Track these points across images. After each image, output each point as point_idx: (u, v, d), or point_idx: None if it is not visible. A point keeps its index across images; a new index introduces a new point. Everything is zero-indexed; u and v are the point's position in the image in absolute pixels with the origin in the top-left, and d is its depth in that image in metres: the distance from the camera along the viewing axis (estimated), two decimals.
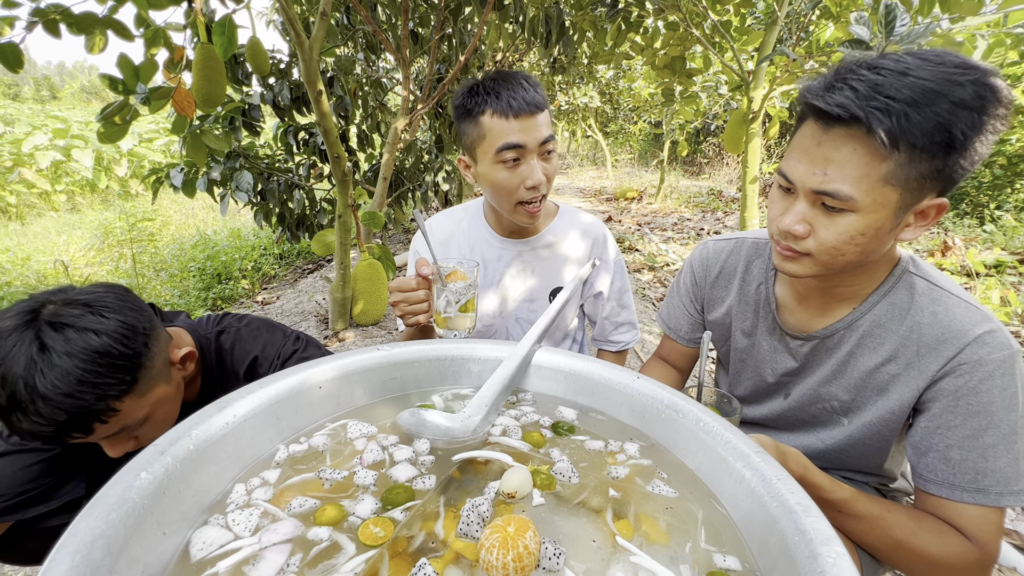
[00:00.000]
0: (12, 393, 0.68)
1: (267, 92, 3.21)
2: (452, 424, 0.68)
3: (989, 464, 0.71)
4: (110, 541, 0.43)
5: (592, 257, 1.31)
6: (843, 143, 0.66)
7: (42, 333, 0.70)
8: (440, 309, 0.96)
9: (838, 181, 0.67)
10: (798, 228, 0.73)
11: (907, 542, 0.72)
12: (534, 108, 1.04)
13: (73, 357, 0.70)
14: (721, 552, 0.53)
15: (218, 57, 1.63)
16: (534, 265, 1.29)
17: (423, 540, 0.52)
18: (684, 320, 1.11)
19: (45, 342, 0.69)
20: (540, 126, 1.06)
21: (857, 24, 1.55)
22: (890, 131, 0.62)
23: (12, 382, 0.67)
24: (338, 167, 2.31)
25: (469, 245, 1.30)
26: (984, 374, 0.71)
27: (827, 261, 0.74)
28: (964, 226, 5.38)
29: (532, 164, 1.07)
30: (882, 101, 0.62)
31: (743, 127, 2.99)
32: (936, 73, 0.62)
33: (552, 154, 1.11)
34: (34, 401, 0.68)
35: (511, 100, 1.03)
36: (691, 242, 5.68)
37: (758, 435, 0.69)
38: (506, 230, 1.27)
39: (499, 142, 1.05)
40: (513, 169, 1.08)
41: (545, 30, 2.88)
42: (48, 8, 1.59)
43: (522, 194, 1.10)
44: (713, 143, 11.97)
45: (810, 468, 0.74)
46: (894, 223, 0.70)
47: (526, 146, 1.05)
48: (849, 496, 0.75)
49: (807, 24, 3.05)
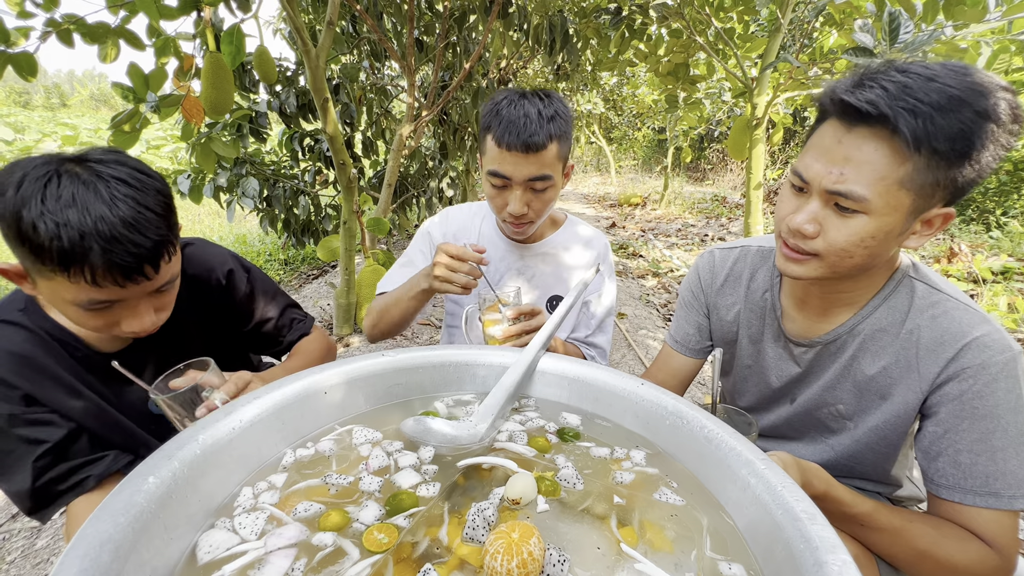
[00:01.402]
0: (95, 229, 0.66)
1: (274, 99, 3.25)
2: (458, 432, 0.69)
3: (1000, 467, 0.71)
4: (118, 545, 0.43)
5: (592, 267, 1.31)
6: (865, 142, 0.66)
7: (96, 175, 0.69)
8: (494, 335, 1.03)
9: (853, 182, 0.67)
10: (808, 227, 0.72)
11: (931, 551, 0.72)
12: (528, 147, 1.03)
13: (143, 192, 0.71)
14: (726, 560, 0.52)
15: (226, 66, 1.66)
16: (535, 271, 1.32)
17: (427, 546, 0.52)
18: (691, 328, 1.11)
19: (106, 180, 0.69)
20: (531, 164, 1.05)
21: (861, 32, 1.55)
22: (915, 132, 0.62)
23: (95, 218, 0.66)
24: (343, 173, 2.33)
25: (477, 242, 1.33)
26: (988, 377, 0.71)
27: (834, 263, 0.73)
28: (970, 232, 5.35)
29: (515, 195, 1.09)
30: (910, 102, 0.62)
31: (747, 133, 2.99)
32: (962, 82, 0.63)
33: (545, 190, 1.11)
34: (119, 232, 0.67)
35: (508, 133, 1.03)
36: (695, 248, 5.68)
37: (778, 452, 0.69)
38: (510, 235, 1.29)
39: (489, 166, 1.09)
40: (498, 191, 1.11)
41: (549, 38, 2.90)
42: (63, 18, 1.62)
43: (504, 215, 1.14)
44: (717, 149, 11.98)
45: (832, 483, 0.73)
46: (903, 228, 0.70)
47: (511, 178, 1.07)
48: (872, 509, 0.75)
49: (810, 31, 3.06)
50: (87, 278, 0.68)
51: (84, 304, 0.71)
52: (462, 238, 1.34)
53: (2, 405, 0.78)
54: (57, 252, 0.65)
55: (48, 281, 0.70)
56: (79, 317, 0.74)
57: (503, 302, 1.03)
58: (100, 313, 0.74)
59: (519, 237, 1.24)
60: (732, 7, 3.00)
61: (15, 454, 0.79)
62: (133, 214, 0.69)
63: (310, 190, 3.65)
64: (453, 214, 1.38)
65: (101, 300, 0.71)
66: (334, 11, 2.03)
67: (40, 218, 0.65)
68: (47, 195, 0.66)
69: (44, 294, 0.74)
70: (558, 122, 1.06)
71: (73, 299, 0.70)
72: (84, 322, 0.75)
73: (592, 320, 1.35)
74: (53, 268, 0.67)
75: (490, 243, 1.32)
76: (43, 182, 0.66)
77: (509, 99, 1.07)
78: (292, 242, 3.87)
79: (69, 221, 0.65)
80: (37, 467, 0.80)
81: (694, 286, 1.09)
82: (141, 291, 0.75)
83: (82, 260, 0.66)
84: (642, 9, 2.91)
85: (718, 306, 1.05)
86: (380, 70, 4.07)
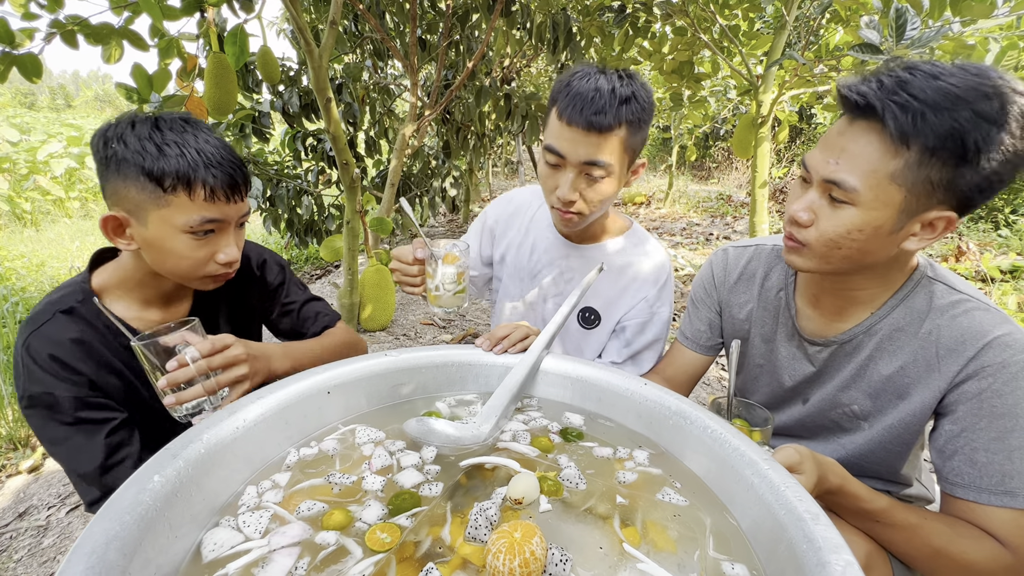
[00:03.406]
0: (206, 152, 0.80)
1: (277, 99, 3.25)
2: (461, 433, 0.69)
3: (1016, 466, 0.70)
4: (124, 543, 0.44)
5: (643, 297, 1.17)
6: (862, 135, 0.68)
7: (184, 122, 0.83)
8: (431, 287, 1.00)
9: (846, 171, 0.69)
10: (802, 215, 0.75)
11: (945, 549, 0.72)
12: (591, 126, 0.92)
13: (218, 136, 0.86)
14: (729, 560, 0.52)
15: (230, 66, 1.66)
16: (576, 272, 1.22)
17: (430, 545, 0.52)
18: (703, 325, 1.10)
19: (194, 125, 0.83)
20: (591, 145, 0.94)
21: (867, 28, 1.54)
22: (902, 127, 0.63)
23: (201, 147, 0.81)
24: (346, 173, 2.33)
25: (528, 226, 1.27)
26: (1008, 376, 0.71)
27: (824, 254, 0.75)
28: (979, 231, 5.31)
29: (567, 178, 0.98)
30: (903, 97, 0.63)
31: (752, 131, 2.98)
32: (966, 81, 0.62)
33: (602, 180, 0.98)
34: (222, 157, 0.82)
35: (572, 107, 0.92)
36: (700, 247, 5.66)
37: (794, 445, 0.68)
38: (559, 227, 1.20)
39: (547, 140, 1.00)
40: (552, 171, 1.01)
41: (552, 36, 2.89)
42: (67, 20, 1.63)
43: (552, 200, 1.03)
44: (722, 147, 11.93)
45: (848, 479, 0.73)
46: (895, 226, 0.70)
47: (566, 157, 0.96)
48: (888, 505, 0.75)
49: (816, 28, 3.04)
50: (205, 192, 0.79)
51: (196, 224, 0.80)
52: (515, 220, 1.28)
53: (70, 388, 0.80)
54: (181, 170, 0.77)
55: (163, 210, 0.79)
56: (187, 247, 0.82)
57: (447, 259, 0.99)
58: (204, 240, 0.83)
59: (567, 229, 1.12)
60: (737, 4, 2.98)
61: (82, 435, 0.81)
62: (225, 146, 0.85)
63: (313, 190, 3.66)
64: (515, 194, 1.31)
65: (211, 219, 0.81)
66: (337, 11, 2.03)
67: (164, 144, 0.78)
68: (162, 132, 0.80)
69: (152, 232, 0.80)
70: (633, 106, 0.93)
71: (186, 221, 0.79)
72: (191, 253, 0.83)
73: (625, 349, 1.18)
74: (175, 189, 0.78)
75: (540, 229, 1.24)
76: (152, 123, 0.80)
77: (585, 72, 0.96)
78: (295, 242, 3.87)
79: (188, 144, 0.79)
80: (108, 443, 0.81)
81: (707, 283, 1.09)
82: (235, 213, 0.86)
83: (202, 175, 0.79)
84: (646, 6, 2.90)
85: (730, 304, 1.05)
86: (383, 69, 4.07)
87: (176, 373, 0.72)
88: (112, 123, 0.81)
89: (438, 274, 0.98)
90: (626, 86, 0.94)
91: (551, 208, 1.07)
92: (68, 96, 63.94)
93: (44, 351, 0.80)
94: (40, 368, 0.79)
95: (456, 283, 0.99)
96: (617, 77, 0.95)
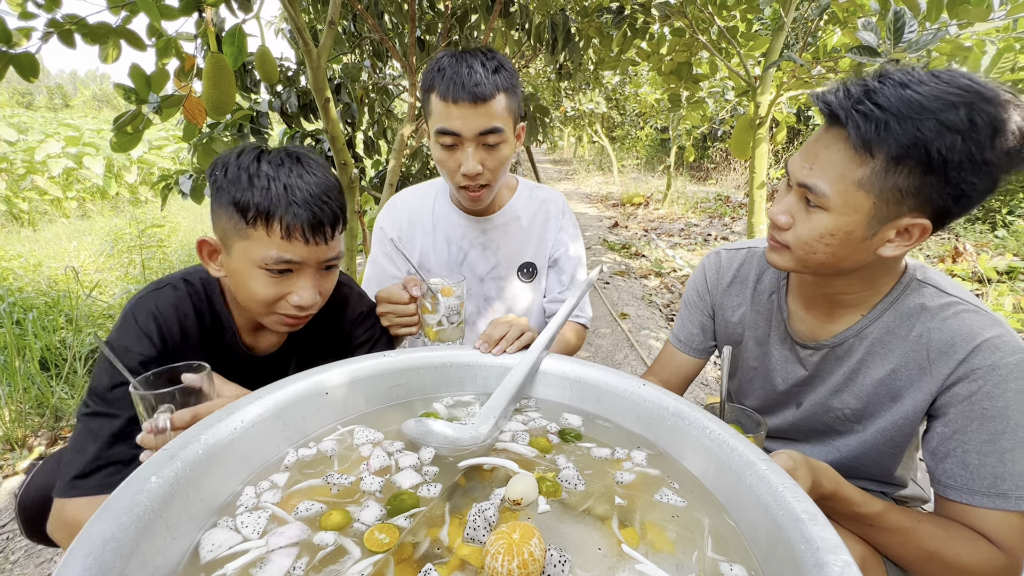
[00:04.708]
0: (296, 188, 0.80)
1: (275, 99, 3.25)
2: (460, 434, 0.69)
3: (1008, 468, 0.71)
4: (121, 544, 0.43)
5: (559, 229, 1.31)
6: (832, 142, 0.70)
7: (297, 156, 0.84)
8: (432, 324, 1.00)
9: (818, 176, 0.71)
10: (781, 218, 0.77)
11: (940, 552, 0.72)
12: (476, 97, 0.99)
13: (328, 173, 0.85)
14: (728, 561, 0.52)
15: (228, 66, 1.66)
16: (499, 242, 1.28)
17: (428, 546, 0.52)
18: (695, 328, 1.10)
19: (304, 158, 0.84)
20: (480, 115, 1.01)
21: (865, 30, 1.54)
22: (864, 136, 0.65)
23: (295, 182, 0.80)
24: (344, 173, 2.33)
25: (432, 224, 1.28)
26: (999, 378, 0.71)
27: (801, 257, 0.77)
28: (975, 232, 5.33)
29: (467, 152, 1.04)
30: (867, 106, 0.64)
31: (750, 132, 2.98)
32: (934, 91, 0.62)
33: (498, 146, 1.06)
34: (313, 193, 0.81)
35: (453, 85, 0.99)
36: (698, 248, 5.66)
37: (788, 451, 0.69)
38: (468, 208, 1.24)
39: (437, 124, 1.04)
40: (450, 152, 1.06)
41: (551, 37, 2.89)
42: (64, 19, 1.62)
43: (459, 179, 1.08)
44: (720, 148, 11.94)
45: (842, 483, 0.73)
46: (867, 232, 0.71)
47: (461, 134, 1.02)
48: (882, 509, 0.75)
49: (814, 29, 3.05)
50: (282, 230, 0.78)
51: (272, 262, 0.79)
52: (416, 226, 1.28)
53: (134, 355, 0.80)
54: (263, 204, 0.77)
55: (244, 242, 0.79)
56: (261, 284, 0.81)
57: (445, 292, 1.00)
58: (279, 279, 0.81)
59: (479, 207, 1.18)
60: (735, 5, 2.98)
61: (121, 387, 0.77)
62: (322, 185, 0.83)
63: None
64: (399, 202, 1.31)
65: (286, 260, 0.80)
66: (335, 11, 2.03)
67: (256, 176, 0.79)
68: (260, 163, 0.80)
69: (234, 263, 0.81)
70: (503, 74, 1.03)
71: (262, 257, 0.79)
72: (263, 290, 0.81)
73: (564, 276, 1.34)
74: (255, 223, 0.78)
75: (447, 221, 1.27)
76: (255, 155, 0.82)
77: (451, 55, 1.03)
78: None
79: (278, 178, 0.79)
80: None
81: (700, 286, 1.09)
82: (316, 258, 0.83)
83: (281, 212, 0.78)
84: (644, 8, 2.90)
85: (723, 307, 1.05)
86: (382, 69, 4.07)
87: (146, 438, 0.66)
88: (231, 151, 0.84)
89: (440, 308, 0.98)
90: (491, 59, 1.03)
91: (458, 189, 1.12)
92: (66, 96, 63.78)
93: (145, 308, 0.83)
94: (135, 321, 0.82)
95: (459, 314, 1.01)
96: (481, 53, 1.04)
